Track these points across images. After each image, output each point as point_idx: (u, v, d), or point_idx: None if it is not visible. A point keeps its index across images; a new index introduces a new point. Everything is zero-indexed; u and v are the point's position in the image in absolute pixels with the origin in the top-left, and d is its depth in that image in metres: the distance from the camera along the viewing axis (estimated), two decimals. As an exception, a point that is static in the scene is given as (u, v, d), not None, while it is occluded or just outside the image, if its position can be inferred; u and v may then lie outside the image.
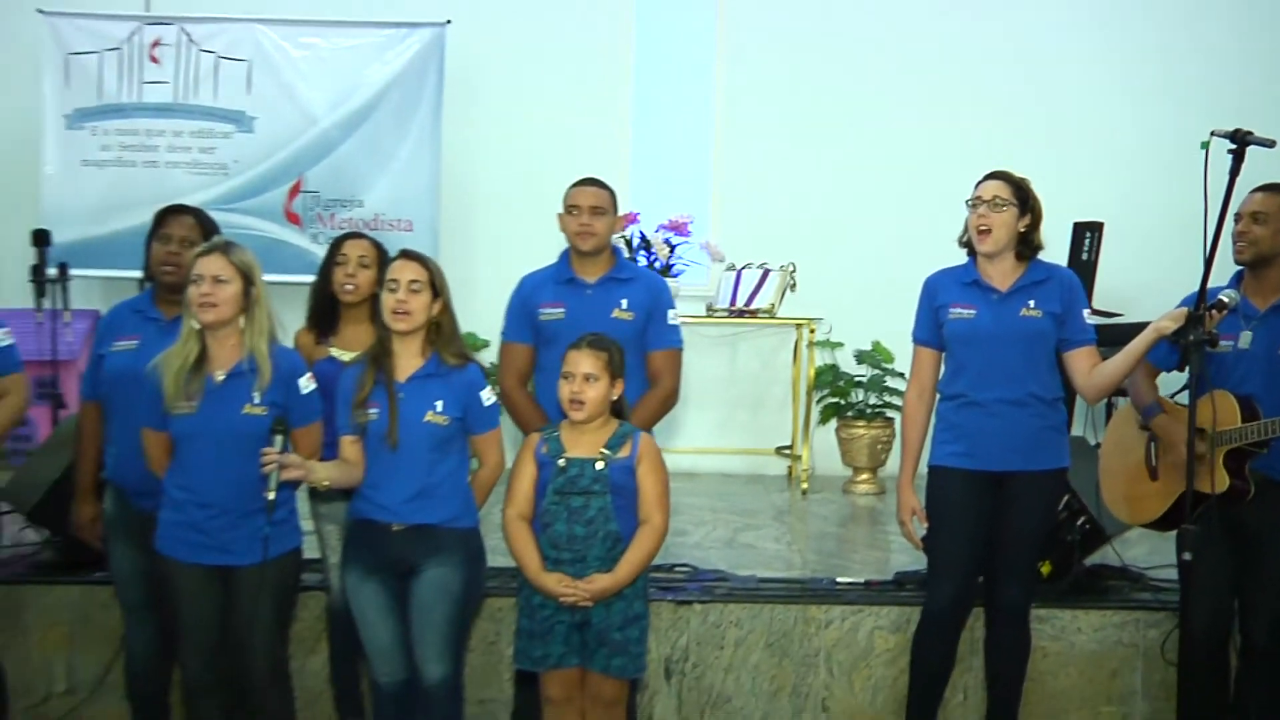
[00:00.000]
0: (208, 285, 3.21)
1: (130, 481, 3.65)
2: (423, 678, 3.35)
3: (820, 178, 7.19)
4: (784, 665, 4.17)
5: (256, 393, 3.26)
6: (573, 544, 3.19)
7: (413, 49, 6.76)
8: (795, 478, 6.76)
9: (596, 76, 7.32)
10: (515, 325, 3.98)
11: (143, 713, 4.01)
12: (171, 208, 3.90)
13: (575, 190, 3.92)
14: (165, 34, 6.74)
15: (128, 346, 3.70)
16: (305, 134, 6.75)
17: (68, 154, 6.77)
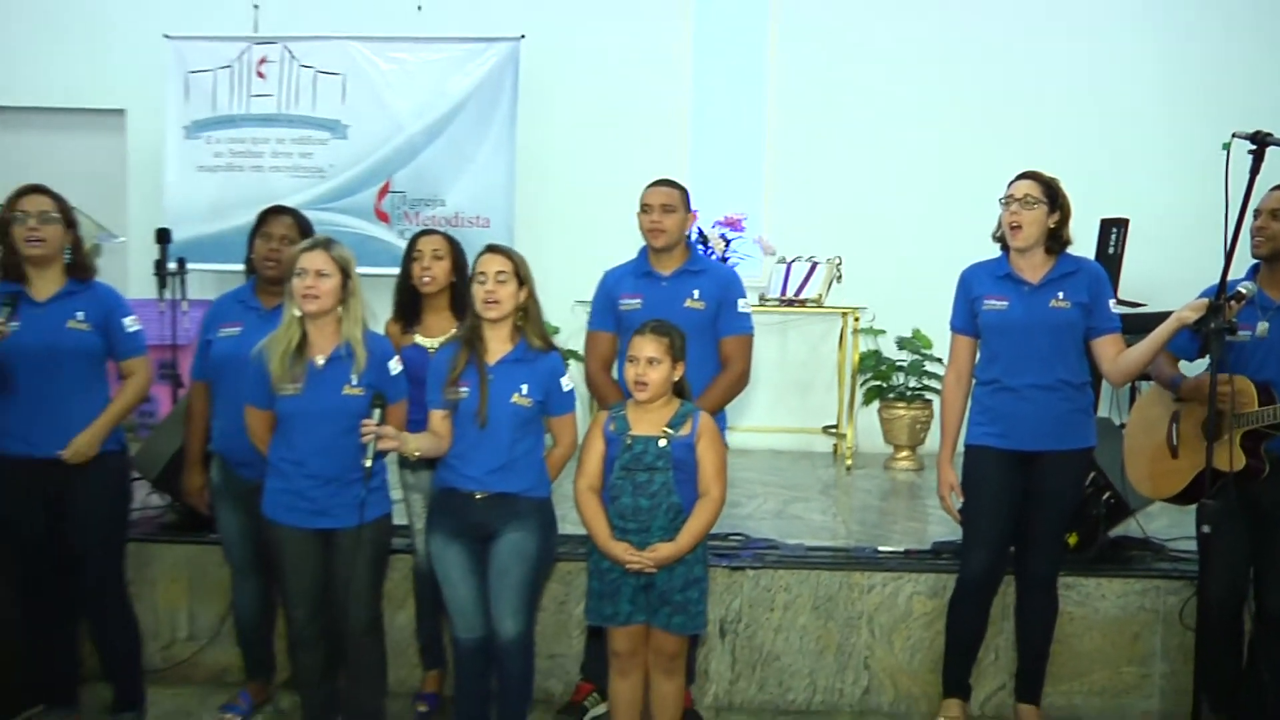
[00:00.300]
0: (311, 278, 3.29)
1: (234, 453, 3.74)
2: (499, 633, 3.40)
3: (864, 177, 7.17)
4: (829, 626, 4.20)
5: (354, 375, 3.34)
6: (638, 515, 3.23)
7: (490, 61, 6.81)
8: (840, 455, 6.77)
9: (657, 85, 7.34)
10: (599, 315, 4.02)
11: (251, 658, 4.12)
12: (273, 208, 3.99)
13: (648, 191, 3.93)
14: (270, 52, 6.86)
15: (232, 333, 3.79)
16: (393, 140, 6.83)
17: (186, 161, 6.91)
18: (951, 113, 7.14)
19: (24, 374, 3.53)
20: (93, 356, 3.61)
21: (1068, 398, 3.67)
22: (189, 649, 4.42)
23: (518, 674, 3.47)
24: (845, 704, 4.19)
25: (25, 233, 3.49)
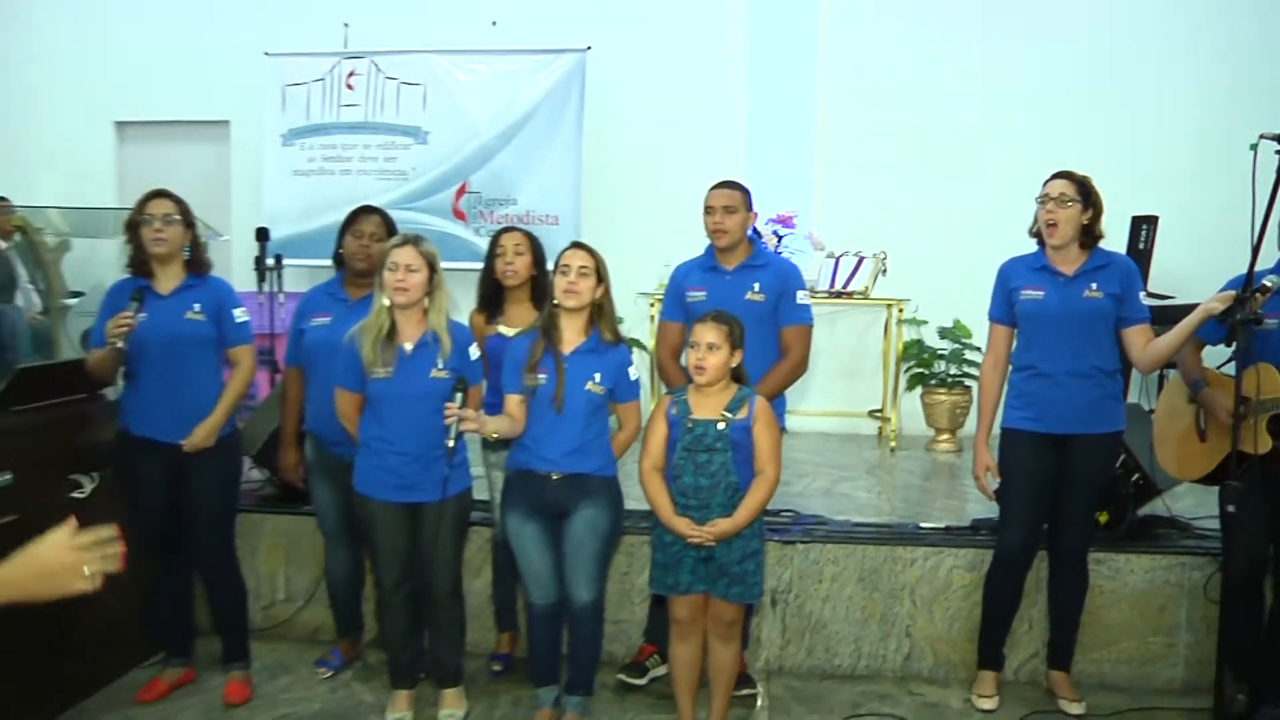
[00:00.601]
0: (401, 273, 3.35)
1: (327, 433, 3.82)
2: (572, 601, 3.45)
3: (909, 177, 7.11)
4: (873, 597, 4.19)
5: (440, 360, 3.40)
6: (698, 493, 3.25)
7: (559, 71, 6.84)
8: (884, 437, 6.74)
9: (714, 91, 7.34)
10: (669, 306, 4.03)
11: (342, 619, 4.21)
12: (362, 208, 4.05)
13: (712, 193, 3.92)
14: (359, 66, 6.95)
15: (322, 323, 3.87)
16: (470, 144, 6.89)
17: (282, 166, 7.03)
18: (990, 114, 7.04)
19: (148, 361, 3.63)
20: (208, 344, 3.70)
21: (1099, 384, 3.64)
22: (287, 609, 4.51)
23: (589, 637, 3.51)
24: (888, 669, 4.19)
25: (151, 233, 3.59)
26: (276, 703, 3.85)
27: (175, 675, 3.93)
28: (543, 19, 7.27)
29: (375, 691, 3.93)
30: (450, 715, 3.68)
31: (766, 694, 4.00)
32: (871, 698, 3.98)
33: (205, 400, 3.69)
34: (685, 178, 4.05)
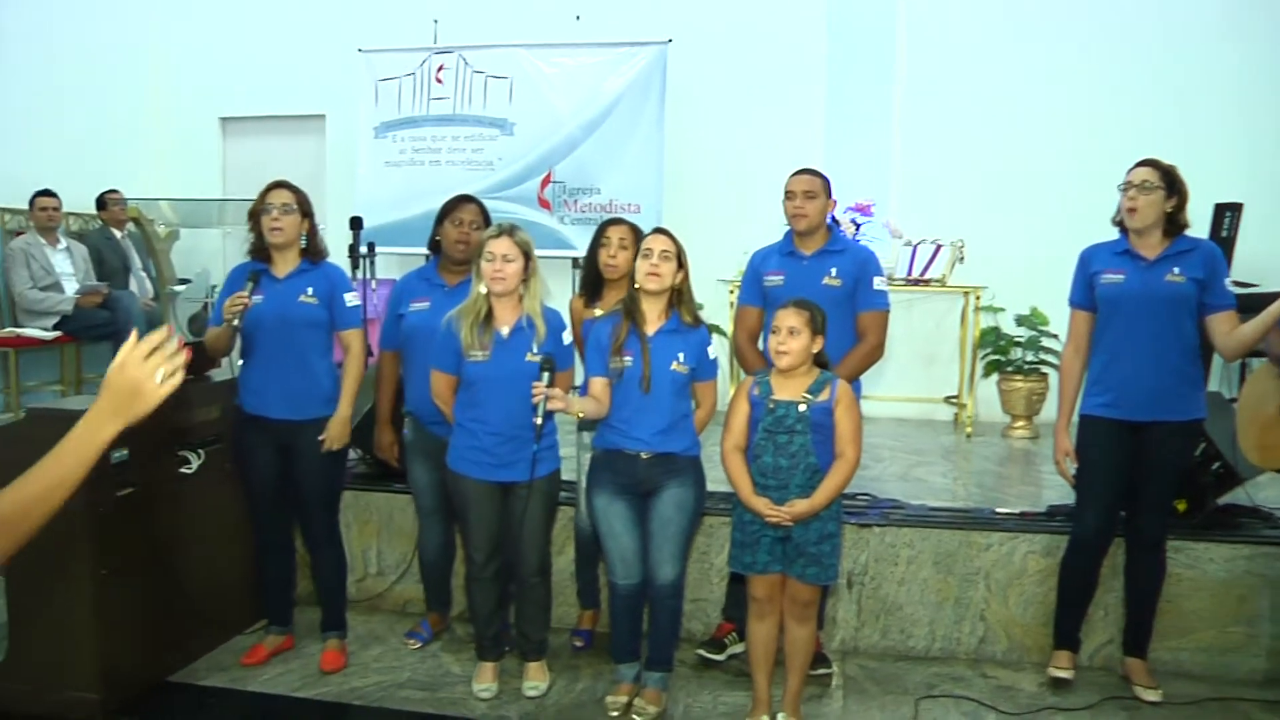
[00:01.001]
0: (498, 262, 3.39)
1: (426, 412, 3.87)
2: (655, 578, 3.45)
3: (986, 165, 6.98)
4: (948, 581, 4.14)
5: (535, 344, 3.43)
6: (778, 474, 3.24)
7: (641, 63, 6.82)
8: (961, 423, 6.64)
9: (793, 81, 7.27)
10: (747, 291, 4.02)
11: (433, 593, 4.28)
12: (460, 197, 4.07)
13: (792, 179, 3.90)
14: (448, 60, 7.01)
15: (421, 308, 3.91)
16: (555, 135, 6.90)
17: (374, 158, 7.12)
18: (1070, 101, 6.87)
19: (262, 341, 3.74)
20: (319, 327, 3.78)
21: (1179, 370, 3.54)
22: (379, 583, 4.60)
23: (670, 614, 3.53)
24: (962, 652, 4.14)
25: (269, 222, 3.69)
26: (368, 671, 3.94)
27: (276, 642, 4.04)
28: (625, 13, 7.27)
29: (462, 663, 4.00)
30: (533, 688, 3.73)
31: (841, 674, 3.97)
32: (945, 679, 3.93)
33: (315, 381, 3.77)
34: (764, 167, 4.03)
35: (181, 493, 3.84)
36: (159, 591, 3.75)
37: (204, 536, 3.99)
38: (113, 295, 6.54)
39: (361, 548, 4.58)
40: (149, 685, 3.73)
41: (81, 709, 3.47)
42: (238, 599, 4.17)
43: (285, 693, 3.75)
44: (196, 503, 3.94)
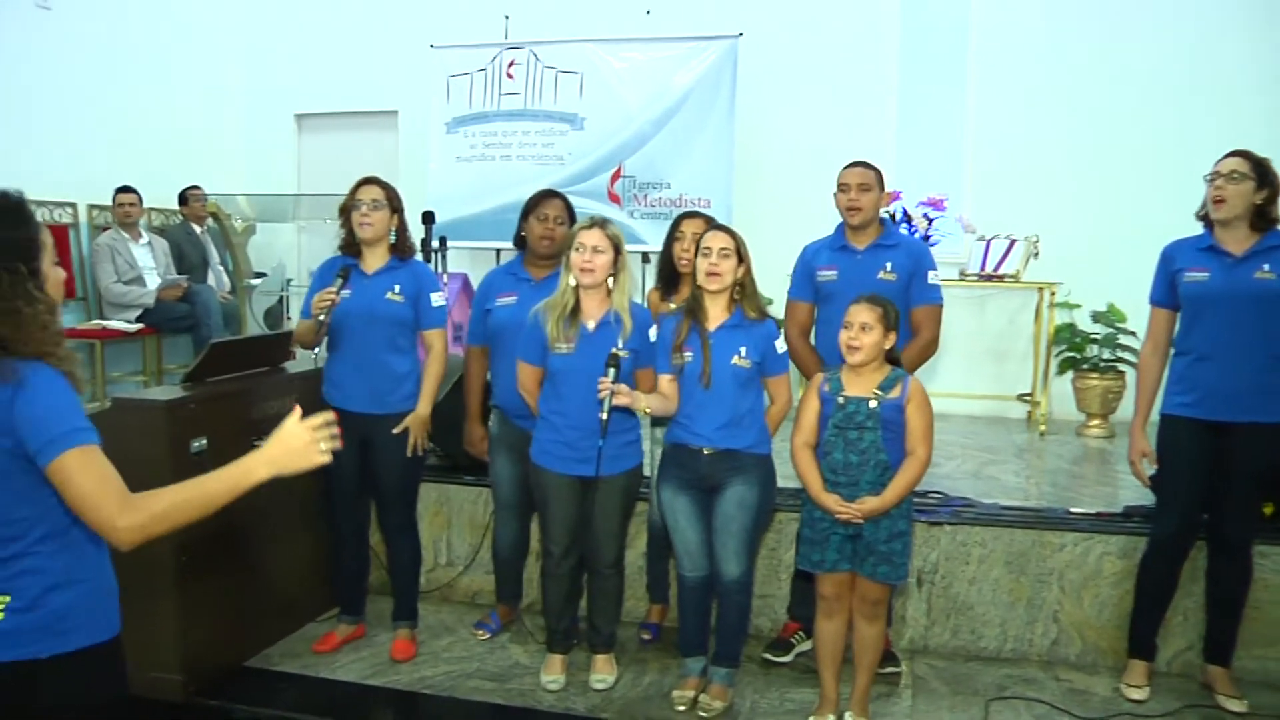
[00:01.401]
0: (588, 254, 3.39)
1: (512, 406, 3.90)
2: (720, 575, 3.45)
3: (1061, 158, 6.83)
4: (1020, 581, 4.08)
5: (621, 340, 3.42)
6: (848, 470, 3.21)
7: (712, 57, 6.78)
8: (1034, 421, 6.52)
9: (865, 74, 7.19)
10: (798, 286, 4.00)
11: (504, 585, 4.31)
12: (545, 192, 4.09)
13: (845, 171, 3.88)
14: (518, 56, 7.02)
15: (508, 302, 3.94)
16: (625, 130, 6.88)
17: (446, 153, 7.15)
18: (1149, 93, 6.67)
19: (348, 335, 3.80)
20: (404, 325, 3.82)
21: (1267, 369, 3.42)
22: (448, 574, 4.65)
23: (736, 611, 3.52)
24: (1034, 653, 4.07)
25: (359, 217, 3.75)
26: (438, 660, 3.99)
27: (348, 630, 4.10)
28: (695, 7, 7.25)
29: (530, 654, 4.03)
30: (601, 680, 3.75)
31: (910, 673, 3.93)
32: (1016, 681, 3.87)
33: (397, 377, 3.81)
34: (836, 161, 3.97)
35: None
36: (236, 579, 3.84)
37: (279, 526, 4.07)
38: (192, 289, 6.70)
39: (432, 539, 4.62)
40: (227, 670, 3.82)
41: (166, 690, 3.57)
42: (310, 587, 4.26)
43: (356, 680, 3.82)
44: (272, 493, 3.99)
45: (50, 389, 1.86)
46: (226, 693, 3.69)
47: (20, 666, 1.88)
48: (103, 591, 2.00)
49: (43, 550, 1.90)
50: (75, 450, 1.83)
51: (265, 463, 1.93)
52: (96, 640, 1.97)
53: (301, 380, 4.17)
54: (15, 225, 1.91)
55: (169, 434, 3.50)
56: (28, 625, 1.88)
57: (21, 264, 1.88)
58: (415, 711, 3.64)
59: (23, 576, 1.89)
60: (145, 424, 3.51)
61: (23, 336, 1.85)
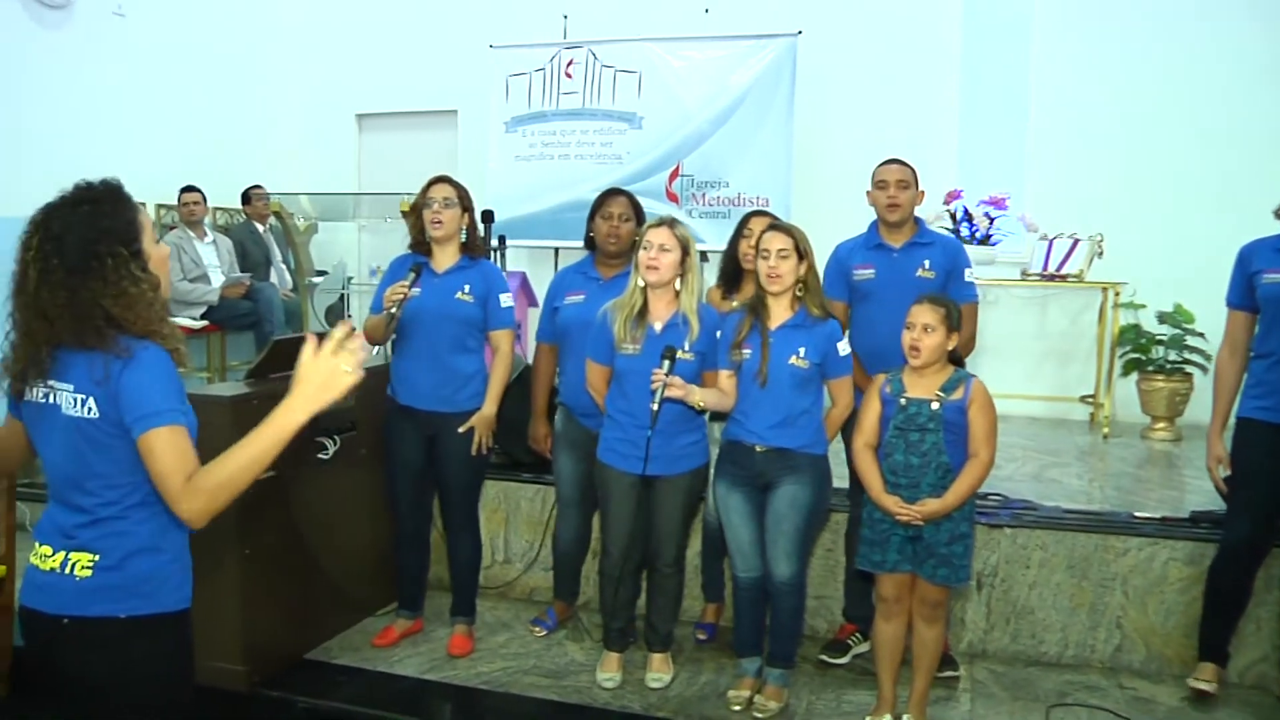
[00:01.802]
0: (655, 251, 3.39)
1: (578, 404, 3.92)
2: (772, 575, 3.43)
3: (1127, 156, 6.68)
4: (1083, 586, 4.01)
5: (687, 342, 3.41)
6: (909, 472, 3.18)
7: (770, 56, 6.74)
8: (1097, 423, 6.40)
9: (926, 72, 7.11)
10: (831, 285, 3.94)
11: (562, 582, 4.32)
12: (611, 190, 4.09)
13: (883, 168, 3.86)
14: (577, 55, 7.03)
15: (576, 300, 3.95)
16: (683, 129, 6.87)
17: (505, 152, 7.19)
18: (1221, 84, 6.50)
19: (416, 333, 3.83)
20: (472, 325, 3.85)
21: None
22: (506, 571, 4.68)
23: (789, 611, 3.50)
24: (1096, 659, 4.00)
25: (430, 216, 3.77)
26: (495, 656, 4.01)
27: (406, 625, 4.14)
28: (754, 5, 7.20)
29: (586, 652, 4.04)
30: (657, 679, 3.74)
31: (969, 676, 3.88)
32: (1079, 688, 3.81)
33: (464, 376, 3.84)
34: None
35: (318, 478, 3.96)
36: (297, 572, 3.89)
37: (339, 520, 4.12)
38: (255, 286, 6.80)
39: (490, 536, 4.64)
40: (288, 661, 3.88)
41: (229, 679, 3.63)
42: (370, 581, 4.30)
43: (414, 674, 3.86)
44: (332, 488, 4.06)
45: (155, 367, 1.98)
46: (287, 684, 3.75)
47: (102, 622, 1.99)
48: (182, 564, 2.11)
49: (134, 516, 2.02)
50: (164, 429, 1.94)
51: (300, 404, 1.94)
52: (171, 608, 2.07)
53: (363, 377, 4.20)
54: (115, 211, 2.01)
55: (233, 429, 3.51)
56: (113, 583, 1.99)
57: (123, 247, 1.99)
58: (473, 707, 3.67)
59: (113, 538, 2.01)
60: (210, 419, 3.50)
61: (133, 316, 1.97)
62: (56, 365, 1.99)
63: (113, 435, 1.98)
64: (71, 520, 2.02)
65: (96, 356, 1.95)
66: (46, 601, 2.02)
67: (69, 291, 1.95)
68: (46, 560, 2.03)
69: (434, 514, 4.19)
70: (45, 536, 2.06)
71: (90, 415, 1.98)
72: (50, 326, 1.96)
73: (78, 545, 2.01)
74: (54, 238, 1.95)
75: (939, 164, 6.53)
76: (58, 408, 2.00)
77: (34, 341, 1.98)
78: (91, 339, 1.95)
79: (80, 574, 1.99)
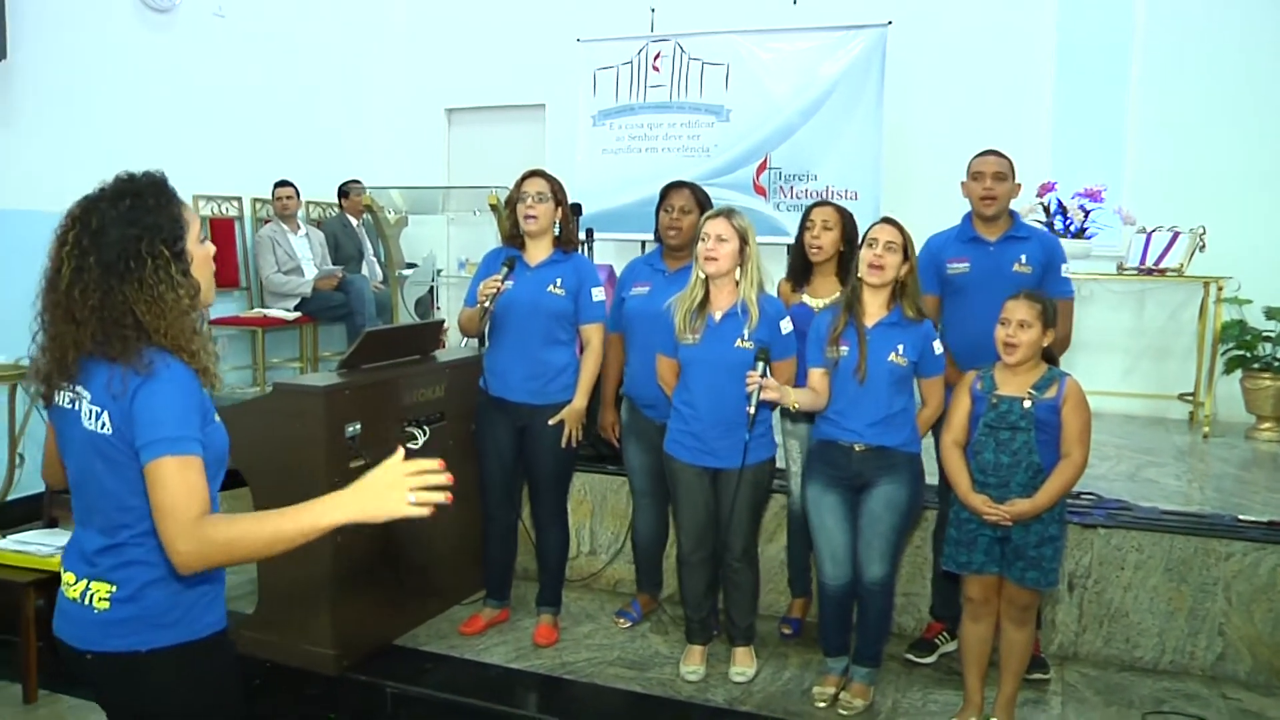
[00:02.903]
0: (712, 242, 3.39)
1: (641, 396, 3.94)
2: (864, 575, 3.39)
3: (1232, 144, 6.43)
4: (1182, 590, 3.89)
5: (746, 331, 3.40)
6: (998, 471, 3.13)
7: (859, 47, 6.65)
8: (1197, 422, 6.20)
9: (1019, 61, 6.95)
10: (924, 279, 3.89)
11: (644, 574, 4.34)
12: (673, 183, 4.09)
13: (979, 159, 3.80)
14: (664, 48, 7.03)
15: (641, 292, 3.97)
16: (770, 121, 6.82)
17: (593, 145, 7.22)
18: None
19: (509, 326, 3.88)
20: (564, 318, 3.88)
21: None
22: (591, 562, 4.71)
23: (878, 612, 3.46)
24: (1196, 667, 3.88)
25: (524, 209, 3.82)
26: (580, 647, 4.04)
27: (492, 614, 4.20)
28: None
29: (670, 644, 4.05)
30: (740, 673, 3.74)
31: (1060, 680, 3.80)
32: (1177, 696, 3.70)
33: (556, 369, 3.88)
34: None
35: (408, 467, 4.02)
36: (386, 560, 3.97)
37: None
38: (347, 279, 6.94)
39: (575, 527, 4.66)
40: (377, 647, 3.95)
41: (321, 663, 3.73)
42: (457, 570, 4.37)
43: (500, 663, 3.91)
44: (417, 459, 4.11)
45: (173, 388, 1.80)
46: (376, 669, 3.82)
47: (124, 658, 1.87)
48: (206, 588, 1.95)
49: (148, 543, 1.85)
50: (172, 459, 1.75)
51: (346, 505, 1.76)
52: (200, 635, 1.93)
53: (452, 368, 4.28)
54: (159, 206, 1.85)
55: (325, 419, 3.64)
56: (130, 616, 1.86)
57: (166, 247, 1.83)
58: (558, 696, 3.70)
59: (128, 567, 1.87)
60: (303, 409, 3.66)
61: (163, 325, 1.81)
62: (83, 370, 1.84)
63: (125, 454, 1.81)
64: (91, 544, 1.89)
65: (114, 371, 1.79)
66: (71, 634, 1.91)
67: (102, 293, 1.79)
68: (70, 588, 1.91)
69: (523, 505, 4.23)
70: (70, 562, 1.94)
71: (104, 430, 1.82)
72: (76, 330, 1.80)
73: (97, 574, 1.87)
74: (92, 233, 1.80)
75: (1032, 155, 6.39)
76: (78, 416, 1.86)
77: (60, 345, 1.82)
78: (116, 347, 1.79)
79: (99, 606, 1.86)
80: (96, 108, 5.87)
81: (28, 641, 3.74)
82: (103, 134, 5.86)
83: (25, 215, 5.10)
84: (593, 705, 3.63)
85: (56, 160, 5.54)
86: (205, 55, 6.70)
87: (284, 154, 7.32)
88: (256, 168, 7.07)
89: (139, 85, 6.17)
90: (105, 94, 5.93)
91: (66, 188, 2.06)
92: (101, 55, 5.92)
